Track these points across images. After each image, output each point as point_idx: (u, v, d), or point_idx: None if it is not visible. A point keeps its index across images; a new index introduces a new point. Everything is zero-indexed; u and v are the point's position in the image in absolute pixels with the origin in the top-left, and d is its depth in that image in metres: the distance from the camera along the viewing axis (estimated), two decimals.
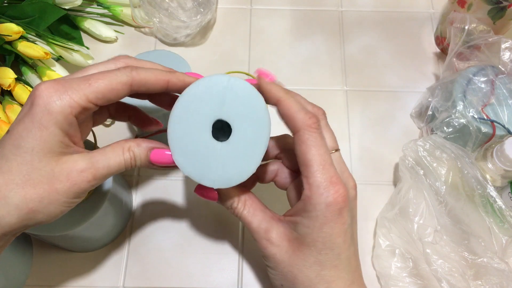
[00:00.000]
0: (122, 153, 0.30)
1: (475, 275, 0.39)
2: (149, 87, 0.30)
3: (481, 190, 0.41)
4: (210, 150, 0.31)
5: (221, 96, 0.30)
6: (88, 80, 0.28)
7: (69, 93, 0.28)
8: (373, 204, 0.48)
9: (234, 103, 0.30)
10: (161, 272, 0.44)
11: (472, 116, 0.45)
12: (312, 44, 0.58)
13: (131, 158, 0.30)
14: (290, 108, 0.30)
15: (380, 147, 0.51)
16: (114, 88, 0.29)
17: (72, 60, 0.51)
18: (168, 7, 0.54)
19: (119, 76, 0.29)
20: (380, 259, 0.43)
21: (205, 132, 0.31)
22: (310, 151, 0.30)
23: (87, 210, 0.39)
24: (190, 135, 0.31)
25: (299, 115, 0.30)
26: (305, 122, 0.30)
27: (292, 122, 0.30)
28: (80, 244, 0.43)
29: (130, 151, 0.30)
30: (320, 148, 0.30)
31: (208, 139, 0.31)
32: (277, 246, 0.32)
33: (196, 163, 0.31)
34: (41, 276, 0.43)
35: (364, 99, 0.54)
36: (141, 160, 0.31)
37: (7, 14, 0.50)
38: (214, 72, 0.55)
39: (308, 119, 0.30)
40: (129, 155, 0.30)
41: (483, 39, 0.47)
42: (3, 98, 0.48)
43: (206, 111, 0.30)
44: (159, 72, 0.31)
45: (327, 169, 0.30)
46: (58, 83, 0.28)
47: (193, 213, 0.47)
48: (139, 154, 0.31)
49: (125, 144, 0.30)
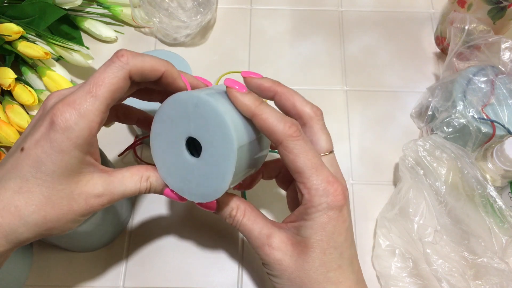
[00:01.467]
0: (139, 182, 0.32)
1: (475, 275, 0.39)
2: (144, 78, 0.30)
3: (481, 190, 0.41)
4: (187, 166, 0.31)
5: (188, 115, 0.30)
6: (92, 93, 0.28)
7: (85, 116, 0.27)
8: (373, 204, 0.48)
9: (199, 122, 0.30)
10: (161, 272, 0.44)
11: (472, 116, 0.45)
12: (312, 44, 0.58)
13: (147, 189, 0.32)
14: (267, 121, 0.29)
15: (380, 147, 0.51)
16: (117, 88, 0.29)
17: (72, 60, 0.51)
18: (168, 7, 0.54)
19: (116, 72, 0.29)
20: (380, 259, 0.43)
21: (181, 148, 0.31)
22: (299, 159, 0.29)
23: None
24: (168, 151, 0.32)
25: (278, 127, 0.29)
26: (286, 133, 0.29)
27: (272, 136, 0.29)
28: (80, 244, 0.43)
29: (147, 182, 0.32)
30: (308, 153, 0.30)
31: (183, 155, 0.31)
32: (282, 251, 0.31)
33: (177, 178, 0.32)
34: (41, 276, 0.43)
35: (364, 99, 0.54)
36: (155, 191, 0.33)
37: (7, 14, 0.50)
38: (214, 72, 0.55)
39: (288, 128, 0.29)
40: (146, 185, 0.32)
41: (483, 39, 0.47)
42: (3, 98, 0.48)
43: (178, 129, 0.31)
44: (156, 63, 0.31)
45: (320, 171, 0.30)
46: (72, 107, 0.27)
47: (193, 213, 0.47)
48: (155, 187, 0.33)
49: (145, 173, 0.32)
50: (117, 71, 0.29)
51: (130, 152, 0.50)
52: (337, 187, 0.30)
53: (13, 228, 0.27)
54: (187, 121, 0.30)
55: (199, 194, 0.32)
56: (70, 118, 0.27)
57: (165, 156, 0.32)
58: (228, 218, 0.34)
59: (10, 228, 0.27)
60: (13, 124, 0.46)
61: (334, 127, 0.53)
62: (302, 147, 0.29)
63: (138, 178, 0.32)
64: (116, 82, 0.29)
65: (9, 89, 0.46)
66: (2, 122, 0.46)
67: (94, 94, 0.28)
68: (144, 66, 0.30)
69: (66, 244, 0.43)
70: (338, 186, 0.30)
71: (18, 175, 0.27)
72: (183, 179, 0.32)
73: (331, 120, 0.53)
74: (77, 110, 0.27)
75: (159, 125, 0.32)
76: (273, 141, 0.30)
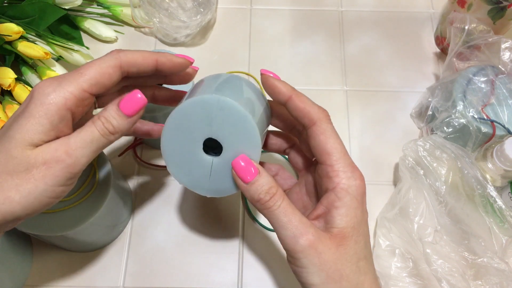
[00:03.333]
0: (92, 122, 0.28)
1: (475, 275, 0.39)
2: (139, 68, 0.31)
3: (481, 190, 0.41)
4: (202, 164, 0.31)
5: (210, 117, 0.30)
6: (79, 71, 0.29)
7: (63, 85, 0.28)
8: (373, 204, 0.48)
9: (223, 124, 0.30)
10: (161, 272, 0.44)
11: (472, 116, 0.45)
12: (312, 44, 0.58)
13: (103, 123, 0.28)
14: (305, 102, 0.31)
15: (380, 147, 0.51)
16: (105, 72, 0.29)
17: (72, 60, 0.51)
18: (168, 7, 0.54)
19: (107, 60, 0.29)
20: (380, 259, 0.43)
21: (197, 148, 0.31)
22: (330, 140, 0.30)
23: (87, 210, 0.39)
24: (182, 149, 0.31)
25: (314, 108, 0.31)
26: (321, 115, 0.31)
27: (308, 116, 0.31)
28: (80, 244, 0.43)
29: (101, 117, 0.29)
30: (337, 137, 0.31)
31: (200, 154, 0.31)
32: (322, 243, 0.29)
33: (189, 175, 0.32)
34: (41, 276, 0.43)
35: (364, 99, 0.54)
36: (114, 117, 0.29)
37: (7, 14, 0.50)
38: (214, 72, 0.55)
39: (322, 112, 0.31)
40: (100, 121, 0.28)
41: (483, 39, 0.47)
42: (3, 98, 0.48)
43: (196, 130, 0.31)
44: (147, 52, 0.31)
45: (347, 155, 0.31)
46: (54, 79, 0.28)
47: (193, 213, 0.47)
48: (110, 114, 0.29)
49: (96, 114, 0.29)
50: (108, 60, 0.29)
51: (130, 152, 0.50)
52: (360, 173, 0.31)
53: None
54: (208, 123, 0.30)
55: (214, 190, 0.32)
56: (49, 86, 0.27)
57: (177, 155, 0.32)
58: (264, 195, 0.29)
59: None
60: None
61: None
62: (333, 131, 0.31)
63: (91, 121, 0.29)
64: (105, 67, 0.29)
65: (9, 89, 0.46)
66: (2, 122, 0.46)
67: (81, 72, 0.28)
68: (134, 56, 0.30)
69: (66, 244, 0.43)
70: (360, 172, 0.31)
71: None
72: (196, 176, 0.32)
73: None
74: (58, 81, 0.28)
75: (175, 125, 0.31)
76: (306, 121, 0.31)
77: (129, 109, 0.29)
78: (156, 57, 0.31)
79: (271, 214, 0.29)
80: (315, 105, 0.31)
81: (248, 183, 0.30)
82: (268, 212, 0.29)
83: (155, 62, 0.31)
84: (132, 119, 0.29)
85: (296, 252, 0.28)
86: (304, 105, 0.31)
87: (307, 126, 0.31)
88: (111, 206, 0.41)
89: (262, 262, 0.45)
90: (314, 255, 0.28)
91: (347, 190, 0.30)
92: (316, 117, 0.31)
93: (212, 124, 0.30)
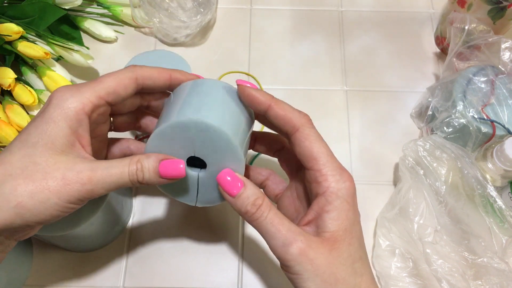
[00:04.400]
0: (128, 164, 0.29)
1: (475, 275, 0.39)
2: (154, 81, 0.32)
3: (481, 190, 0.41)
4: (188, 179, 0.32)
5: (191, 138, 0.30)
6: (97, 79, 0.30)
7: (81, 91, 0.29)
8: (373, 204, 0.48)
9: (204, 144, 0.30)
10: (161, 272, 0.44)
11: (472, 116, 0.45)
12: (312, 44, 0.58)
13: (137, 170, 0.29)
14: (285, 109, 0.31)
15: (380, 147, 0.51)
16: (121, 82, 0.30)
17: (72, 60, 0.51)
18: (168, 7, 0.54)
19: (124, 71, 0.31)
20: (380, 259, 0.43)
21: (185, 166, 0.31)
22: (315, 145, 0.30)
23: (87, 210, 0.39)
24: None
25: (295, 114, 0.31)
26: (302, 120, 0.31)
27: (289, 122, 0.31)
28: (80, 244, 0.43)
29: (138, 163, 0.29)
30: (322, 141, 0.31)
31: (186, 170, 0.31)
32: (313, 250, 0.29)
33: (176, 187, 0.33)
34: (41, 276, 0.43)
35: (364, 99, 0.54)
36: (149, 172, 0.29)
37: (7, 14, 0.50)
38: (214, 72, 0.55)
39: (304, 117, 0.31)
40: (135, 166, 0.29)
41: (483, 39, 0.47)
42: (3, 98, 0.48)
43: (178, 151, 0.31)
44: (161, 68, 0.32)
45: (333, 158, 0.31)
46: (72, 86, 0.29)
47: (193, 213, 0.47)
48: (147, 166, 0.29)
49: (134, 157, 0.29)
50: (125, 71, 0.31)
51: None
52: (349, 174, 0.30)
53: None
54: (190, 143, 0.30)
55: (203, 201, 0.33)
56: (67, 92, 0.28)
57: None
58: (251, 207, 0.29)
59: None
60: (13, 124, 0.46)
61: (334, 127, 0.53)
62: (317, 135, 0.31)
63: (127, 159, 0.29)
64: (122, 78, 0.30)
65: (9, 89, 0.46)
66: (2, 122, 0.46)
67: (99, 80, 0.30)
68: (150, 70, 0.32)
69: (66, 244, 0.43)
70: (349, 174, 0.31)
71: (7, 149, 0.28)
72: (182, 189, 0.33)
73: (331, 120, 0.53)
74: (76, 88, 0.29)
75: (157, 145, 0.31)
76: (289, 128, 0.31)
77: (167, 173, 0.29)
78: (170, 72, 0.32)
79: (259, 225, 0.29)
80: (295, 110, 0.31)
81: (235, 196, 0.30)
82: (256, 224, 0.29)
83: (169, 76, 0.32)
84: (163, 181, 0.30)
85: (287, 260, 0.28)
86: (284, 112, 0.31)
87: (290, 133, 0.31)
88: (111, 206, 0.41)
89: (262, 263, 0.45)
90: (306, 262, 0.28)
91: (337, 194, 0.30)
92: (298, 123, 0.31)
93: (194, 145, 0.30)
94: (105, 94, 0.29)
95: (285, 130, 0.31)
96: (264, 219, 0.29)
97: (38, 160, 0.27)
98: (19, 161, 0.27)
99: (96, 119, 0.31)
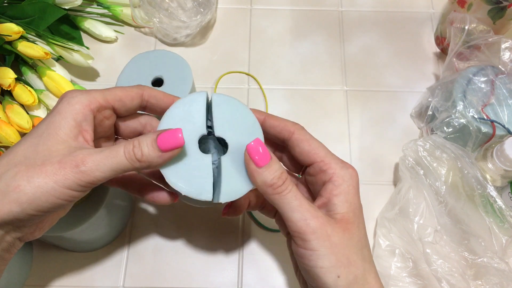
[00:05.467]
0: (124, 144, 0.28)
1: (475, 275, 0.39)
2: (158, 101, 0.33)
3: (481, 190, 0.41)
4: (203, 167, 0.30)
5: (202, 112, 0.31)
6: (107, 88, 0.31)
7: (89, 92, 0.30)
8: (373, 204, 0.48)
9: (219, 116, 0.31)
10: (161, 272, 0.44)
11: (472, 116, 0.45)
12: (312, 44, 0.58)
13: (134, 147, 0.28)
14: (279, 119, 0.34)
15: (380, 147, 0.51)
16: (128, 94, 0.32)
17: (72, 60, 0.51)
18: (168, 7, 0.54)
19: (133, 87, 0.32)
20: (380, 259, 0.43)
21: (193, 149, 0.30)
22: (313, 142, 0.32)
23: (87, 210, 0.39)
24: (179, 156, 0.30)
25: (288, 122, 0.33)
26: (296, 126, 0.33)
27: (285, 128, 0.33)
28: (80, 244, 0.43)
29: (135, 141, 0.28)
30: (318, 141, 0.33)
31: (198, 156, 0.30)
32: (331, 226, 0.29)
33: (192, 181, 0.30)
34: (41, 276, 0.43)
35: (364, 99, 0.54)
36: (147, 146, 0.28)
37: (7, 14, 0.50)
38: (214, 72, 0.55)
39: (296, 124, 0.33)
40: (132, 144, 0.28)
41: (483, 39, 0.47)
42: (3, 98, 0.48)
43: (189, 129, 0.30)
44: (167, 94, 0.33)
45: (332, 153, 0.33)
46: (84, 90, 0.31)
47: (193, 213, 0.47)
48: (145, 141, 0.28)
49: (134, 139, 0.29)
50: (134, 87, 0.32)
51: None
52: (350, 165, 0.32)
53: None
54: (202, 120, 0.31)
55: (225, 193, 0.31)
56: (76, 92, 0.30)
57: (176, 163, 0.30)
58: (277, 180, 0.29)
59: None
60: (13, 124, 0.46)
61: (334, 127, 0.53)
62: (311, 135, 0.33)
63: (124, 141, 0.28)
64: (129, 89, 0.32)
65: (9, 89, 0.46)
66: (2, 122, 0.46)
67: (108, 89, 0.31)
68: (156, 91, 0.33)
69: (66, 244, 0.43)
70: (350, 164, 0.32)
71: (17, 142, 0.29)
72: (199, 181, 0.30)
73: (331, 120, 0.53)
74: (85, 90, 0.30)
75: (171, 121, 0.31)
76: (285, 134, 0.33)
77: (165, 144, 0.28)
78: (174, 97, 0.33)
79: (283, 198, 0.29)
80: (288, 120, 0.34)
81: (262, 167, 0.29)
82: (279, 197, 0.29)
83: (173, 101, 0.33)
84: (163, 155, 0.28)
85: (307, 233, 0.29)
86: (279, 122, 0.33)
87: (287, 138, 0.33)
88: (111, 206, 0.41)
89: (262, 262, 0.45)
90: (325, 237, 0.29)
91: (343, 178, 0.31)
92: (292, 128, 0.33)
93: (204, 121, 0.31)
94: (111, 99, 0.31)
95: (282, 136, 0.33)
96: (288, 191, 0.29)
97: (40, 148, 0.27)
98: (23, 151, 0.28)
99: (102, 122, 0.31)
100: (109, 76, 0.55)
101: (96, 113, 0.30)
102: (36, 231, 0.30)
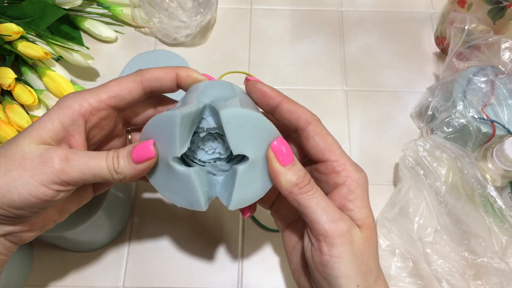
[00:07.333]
0: (107, 153, 0.28)
1: (475, 275, 0.39)
2: (160, 82, 0.31)
3: (481, 190, 0.41)
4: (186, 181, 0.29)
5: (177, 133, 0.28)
6: (103, 84, 0.30)
7: (83, 95, 0.29)
8: (373, 204, 0.47)
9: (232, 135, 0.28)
10: (161, 272, 0.44)
11: (472, 116, 0.45)
12: (312, 44, 0.58)
13: (113, 157, 0.28)
14: (297, 105, 0.31)
15: (380, 147, 0.51)
16: (125, 86, 0.30)
17: (72, 60, 0.51)
18: (168, 7, 0.54)
19: (129, 76, 0.31)
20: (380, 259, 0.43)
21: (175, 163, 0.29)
22: (329, 138, 0.31)
23: (87, 210, 0.39)
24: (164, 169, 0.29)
25: (307, 110, 0.31)
26: (314, 116, 0.31)
27: (302, 116, 0.31)
28: (80, 244, 0.43)
29: (116, 152, 0.29)
30: (333, 138, 0.31)
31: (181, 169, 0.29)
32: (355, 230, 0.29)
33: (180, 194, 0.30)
34: (41, 276, 0.43)
35: (364, 99, 0.54)
36: (123, 158, 0.28)
37: (7, 14, 0.50)
38: (214, 72, 0.55)
39: (313, 114, 0.31)
40: (114, 154, 0.28)
41: (483, 39, 0.47)
42: (3, 98, 0.48)
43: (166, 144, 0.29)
44: (167, 67, 0.31)
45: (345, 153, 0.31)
46: (80, 91, 0.30)
47: (193, 213, 0.47)
48: (122, 152, 0.28)
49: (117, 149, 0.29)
50: (130, 76, 0.31)
51: None
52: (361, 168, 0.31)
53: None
54: None
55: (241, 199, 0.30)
56: (71, 95, 0.29)
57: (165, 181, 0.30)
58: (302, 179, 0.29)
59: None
60: (13, 124, 0.46)
61: (334, 127, 0.53)
62: (327, 131, 0.31)
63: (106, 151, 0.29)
64: (125, 82, 0.30)
65: (9, 89, 0.46)
66: (2, 122, 0.46)
67: (104, 85, 0.30)
68: (155, 71, 0.31)
69: (66, 244, 0.43)
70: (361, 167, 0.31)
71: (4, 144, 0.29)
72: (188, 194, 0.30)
73: (331, 120, 0.53)
74: (80, 92, 0.30)
75: None
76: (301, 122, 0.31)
77: (137, 157, 0.28)
78: (176, 70, 0.31)
79: (309, 198, 0.28)
80: (304, 107, 0.31)
81: (287, 166, 0.29)
82: (306, 196, 0.28)
83: (175, 75, 0.31)
84: (137, 167, 0.28)
85: (335, 237, 0.28)
86: (296, 107, 0.31)
87: (302, 127, 0.31)
88: (111, 206, 0.41)
89: (262, 262, 0.45)
90: (349, 243, 0.28)
91: (357, 182, 0.30)
92: (311, 117, 0.31)
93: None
94: (106, 97, 0.30)
95: (297, 124, 0.31)
96: (315, 191, 0.29)
97: (23, 143, 0.27)
98: (6, 145, 0.28)
99: (99, 123, 0.30)
100: (109, 76, 0.55)
101: (89, 117, 0.29)
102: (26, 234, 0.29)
